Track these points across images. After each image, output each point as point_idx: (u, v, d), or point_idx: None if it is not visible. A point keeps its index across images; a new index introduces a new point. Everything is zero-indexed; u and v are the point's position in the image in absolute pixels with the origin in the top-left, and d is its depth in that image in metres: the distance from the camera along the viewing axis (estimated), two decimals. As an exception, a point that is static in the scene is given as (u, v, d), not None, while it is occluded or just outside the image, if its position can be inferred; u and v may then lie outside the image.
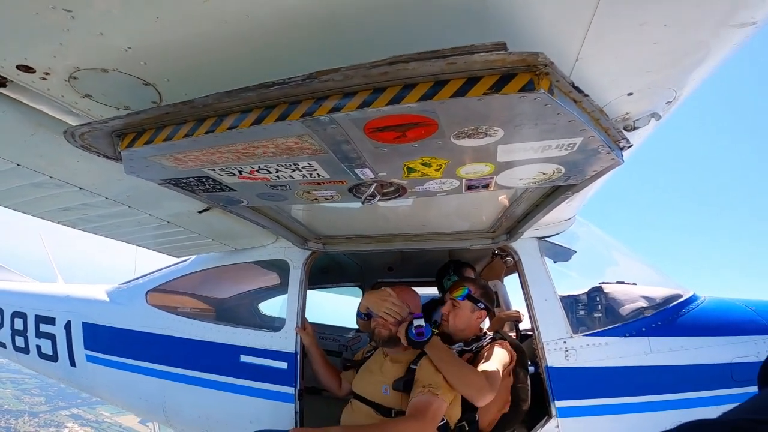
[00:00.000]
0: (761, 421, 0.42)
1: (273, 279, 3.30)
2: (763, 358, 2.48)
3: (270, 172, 1.47)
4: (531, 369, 2.63)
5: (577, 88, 1.11)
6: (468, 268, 3.53)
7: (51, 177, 1.89)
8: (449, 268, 3.46)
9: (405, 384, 2.25)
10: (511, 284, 4.18)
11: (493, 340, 2.47)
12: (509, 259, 3.48)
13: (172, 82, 1.24)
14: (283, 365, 2.81)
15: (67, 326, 3.65)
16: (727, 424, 0.43)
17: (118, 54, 1.11)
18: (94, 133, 1.37)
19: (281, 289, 3.03)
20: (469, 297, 2.54)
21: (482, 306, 2.55)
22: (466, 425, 2.26)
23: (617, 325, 2.53)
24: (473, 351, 2.47)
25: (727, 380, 2.32)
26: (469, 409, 2.25)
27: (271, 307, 3.48)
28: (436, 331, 2.59)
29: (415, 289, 2.62)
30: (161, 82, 1.24)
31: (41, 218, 2.41)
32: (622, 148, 1.41)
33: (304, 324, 2.84)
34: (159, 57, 1.13)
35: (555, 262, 2.77)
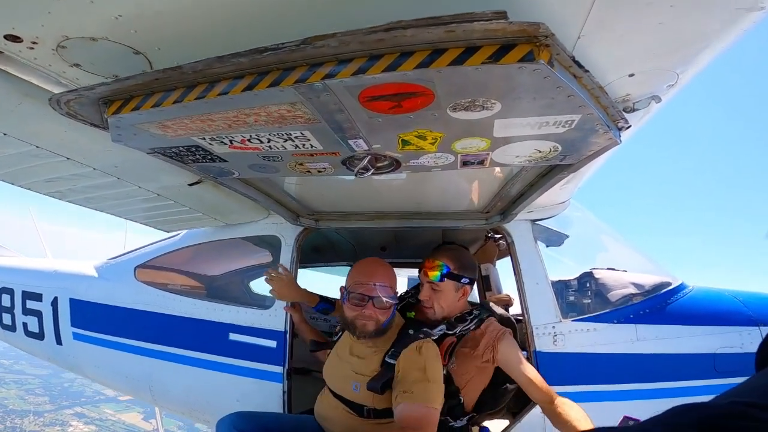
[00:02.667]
0: (753, 404, 0.42)
1: (264, 256, 3.27)
2: (746, 350, 2.49)
3: (262, 142, 1.44)
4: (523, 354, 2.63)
5: (577, 63, 1.10)
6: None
7: (37, 147, 1.86)
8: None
9: (383, 385, 1.97)
10: (503, 269, 4.19)
11: (480, 320, 2.31)
12: (502, 242, 3.48)
13: (164, 50, 1.20)
14: (272, 344, 2.81)
15: (54, 303, 3.61)
16: (720, 408, 0.42)
17: (108, 22, 1.08)
18: (80, 100, 1.34)
19: (272, 266, 3.01)
20: (448, 275, 2.27)
21: (467, 281, 2.31)
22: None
23: (606, 311, 2.54)
24: (456, 335, 2.29)
25: (710, 371, 2.34)
26: (451, 395, 2.18)
27: (262, 284, 3.46)
28: (413, 314, 2.41)
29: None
30: (152, 51, 1.21)
31: (28, 189, 2.38)
32: (620, 129, 1.39)
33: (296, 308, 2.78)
34: (150, 25, 1.10)
35: (547, 246, 2.77)
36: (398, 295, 2.21)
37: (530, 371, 2.16)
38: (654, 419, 0.45)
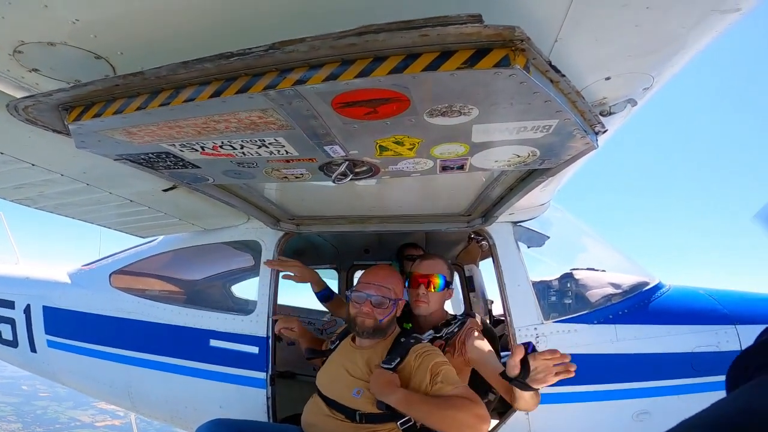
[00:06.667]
0: None
1: (244, 261, 3.23)
2: (723, 348, 2.53)
3: (234, 149, 1.39)
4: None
5: (554, 68, 1.08)
6: (412, 248, 3.52)
7: (2, 153, 1.80)
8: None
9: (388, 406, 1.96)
10: (485, 269, 4.21)
11: (462, 324, 2.38)
12: (485, 243, 3.49)
13: (127, 55, 1.16)
14: (254, 350, 2.76)
15: (27, 310, 3.51)
16: None
17: (65, 27, 1.04)
18: (38, 106, 1.29)
19: (253, 271, 2.96)
20: (446, 284, 2.43)
21: (452, 285, 2.49)
22: None
23: (586, 312, 2.55)
24: (444, 338, 2.38)
25: (688, 370, 2.37)
26: None
27: (242, 290, 3.41)
28: (410, 325, 2.49)
29: None
30: (114, 56, 1.16)
31: (-5, 196, 2.30)
32: (597, 133, 1.39)
33: (290, 321, 2.69)
34: (111, 29, 1.06)
35: (529, 247, 2.77)
36: (399, 299, 2.27)
37: (495, 363, 2.17)
38: None
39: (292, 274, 2.79)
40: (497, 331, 3.18)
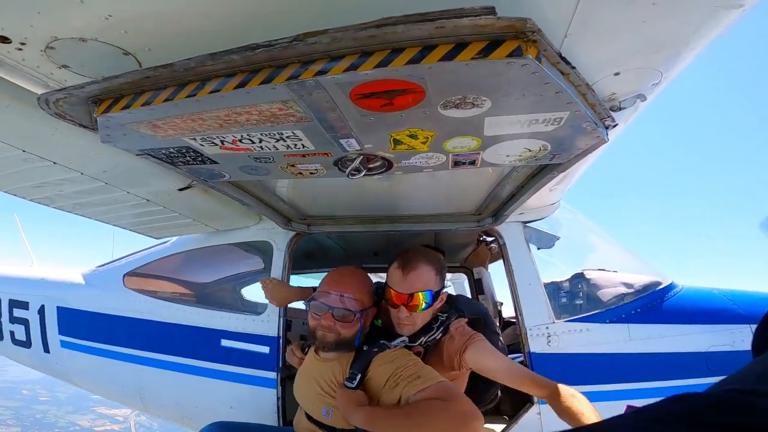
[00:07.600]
0: (742, 390, 0.42)
1: (256, 261, 3.27)
2: (738, 348, 2.49)
3: (253, 143, 1.44)
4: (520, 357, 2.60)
5: (564, 59, 1.11)
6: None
7: (24, 151, 1.84)
8: None
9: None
10: (495, 272, 4.20)
11: (446, 327, 2.11)
12: (494, 245, 3.49)
13: (154, 51, 1.19)
14: (265, 349, 2.79)
15: (41, 311, 3.57)
16: (709, 397, 0.43)
17: (99, 22, 1.07)
18: (69, 100, 1.32)
19: (264, 272, 3.00)
20: (433, 297, 2.01)
21: (444, 288, 2.10)
22: None
23: (598, 311, 2.55)
24: (423, 345, 2.08)
25: (703, 369, 2.35)
26: None
27: (254, 290, 3.45)
28: (380, 321, 2.17)
29: None
30: (142, 52, 1.20)
31: (14, 195, 2.35)
32: (607, 127, 1.42)
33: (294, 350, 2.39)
34: (141, 25, 1.09)
35: (539, 248, 2.78)
36: (368, 309, 2.00)
37: (514, 371, 2.01)
38: (643, 409, 0.45)
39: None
40: (508, 333, 3.18)
